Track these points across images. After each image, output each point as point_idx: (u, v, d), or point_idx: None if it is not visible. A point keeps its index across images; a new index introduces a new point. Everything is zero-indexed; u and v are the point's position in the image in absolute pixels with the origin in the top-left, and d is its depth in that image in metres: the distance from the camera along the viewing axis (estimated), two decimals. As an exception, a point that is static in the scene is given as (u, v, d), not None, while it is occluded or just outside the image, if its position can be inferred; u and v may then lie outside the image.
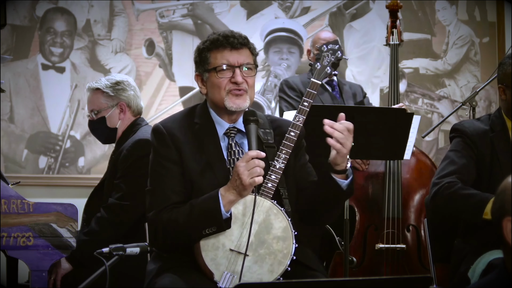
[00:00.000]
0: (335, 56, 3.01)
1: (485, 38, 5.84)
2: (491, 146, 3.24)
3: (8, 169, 5.29)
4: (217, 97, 2.79)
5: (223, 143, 2.82)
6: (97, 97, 3.74)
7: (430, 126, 5.38)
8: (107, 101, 3.73)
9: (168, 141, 2.78)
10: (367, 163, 4.40)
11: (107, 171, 3.74)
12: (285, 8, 5.70)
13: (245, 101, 2.79)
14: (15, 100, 5.37)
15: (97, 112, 3.74)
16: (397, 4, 4.69)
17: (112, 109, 3.73)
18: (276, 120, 2.96)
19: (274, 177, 2.72)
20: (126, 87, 3.74)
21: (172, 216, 2.70)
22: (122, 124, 3.74)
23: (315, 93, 2.88)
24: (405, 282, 2.11)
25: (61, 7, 5.46)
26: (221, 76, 2.77)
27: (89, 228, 3.56)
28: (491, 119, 3.32)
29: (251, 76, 2.81)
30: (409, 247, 4.31)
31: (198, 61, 2.86)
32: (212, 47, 2.80)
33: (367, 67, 5.68)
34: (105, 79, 3.76)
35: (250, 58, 2.82)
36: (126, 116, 3.74)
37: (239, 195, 2.67)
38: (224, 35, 2.79)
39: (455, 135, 3.35)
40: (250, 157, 2.64)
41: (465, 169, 3.23)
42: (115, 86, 3.73)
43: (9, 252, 3.23)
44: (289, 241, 2.69)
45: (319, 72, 2.96)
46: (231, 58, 2.78)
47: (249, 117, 2.77)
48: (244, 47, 2.81)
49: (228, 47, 2.78)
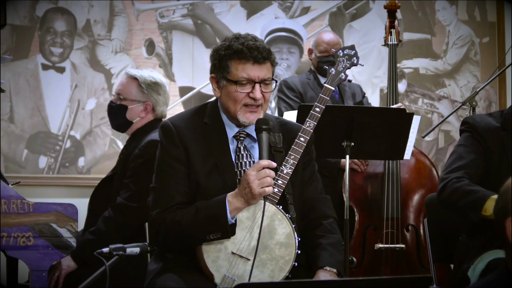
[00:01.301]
0: (350, 62, 2.97)
1: (485, 38, 5.84)
2: (501, 144, 3.21)
3: (8, 169, 5.29)
4: (231, 107, 2.76)
5: (231, 146, 2.80)
6: (131, 86, 3.73)
7: (430, 126, 5.38)
8: (137, 95, 3.72)
9: (176, 140, 2.76)
10: (366, 163, 4.40)
11: (117, 166, 3.75)
12: (285, 8, 5.70)
13: (258, 117, 2.76)
14: (15, 100, 5.37)
15: (123, 98, 3.74)
16: (395, 4, 4.70)
17: (138, 104, 3.73)
18: (286, 124, 2.93)
19: (281, 182, 2.70)
20: (160, 92, 3.74)
21: (176, 218, 2.69)
22: (140, 121, 3.73)
23: (328, 99, 2.85)
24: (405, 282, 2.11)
25: (61, 7, 5.46)
26: (240, 90, 2.73)
27: (96, 228, 3.55)
28: (503, 116, 3.28)
29: (269, 91, 2.77)
30: (408, 247, 4.32)
31: (217, 65, 2.78)
32: (234, 56, 2.73)
33: (367, 67, 5.68)
34: (147, 74, 3.75)
35: (270, 72, 2.77)
36: (147, 116, 3.73)
37: (246, 203, 2.65)
38: (249, 46, 2.72)
39: (465, 128, 3.30)
40: (261, 166, 2.62)
41: (473, 164, 3.20)
42: (151, 85, 3.72)
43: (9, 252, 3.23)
44: (291, 248, 2.67)
45: (333, 77, 2.93)
46: (252, 73, 2.72)
47: (261, 125, 2.72)
48: (267, 61, 2.75)
49: (251, 61, 2.72)
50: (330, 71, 2.94)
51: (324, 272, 2.69)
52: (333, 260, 2.73)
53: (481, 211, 3.05)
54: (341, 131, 3.79)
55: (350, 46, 3.02)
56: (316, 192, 2.89)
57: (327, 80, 2.92)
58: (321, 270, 2.70)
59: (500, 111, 3.34)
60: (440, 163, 5.68)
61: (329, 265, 2.71)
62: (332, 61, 4.61)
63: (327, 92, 2.86)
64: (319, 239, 2.79)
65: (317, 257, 2.74)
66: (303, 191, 2.85)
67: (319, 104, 2.83)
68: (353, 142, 3.80)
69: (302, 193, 2.84)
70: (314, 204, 2.86)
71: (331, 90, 2.87)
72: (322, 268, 2.71)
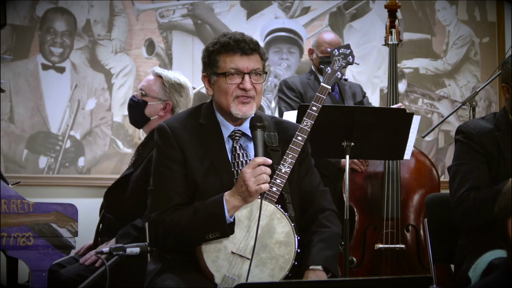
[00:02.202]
0: (346, 60, 2.98)
1: (485, 38, 5.84)
2: (497, 144, 3.21)
3: (8, 169, 5.28)
4: (223, 102, 2.77)
5: (227, 146, 2.81)
6: (155, 83, 3.76)
7: (430, 126, 5.38)
8: (159, 92, 3.75)
9: (173, 142, 2.77)
10: (366, 164, 4.40)
11: (133, 162, 3.74)
12: (285, 8, 5.70)
13: (251, 109, 2.77)
14: (15, 100, 5.37)
15: (145, 94, 3.76)
16: (395, 4, 4.70)
17: (158, 101, 3.74)
18: (281, 123, 2.93)
19: (279, 181, 2.71)
20: (182, 94, 3.76)
21: (174, 219, 2.69)
22: (158, 120, 3.72)
23: (324, 98, 2.86)
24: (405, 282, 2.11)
25: (61, 7, 5.46)
26: (229, 82, 2.74)
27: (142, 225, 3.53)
28: (496, 118, 3.28)
29: (260, 82, 2.78)
30: (408, 247, 4.32)
31: (206, 63, 2.82)
32: (222, 50, 2.76)
33: (367, 67, 5.68)
34: (173, 75, 3.78)
35: (259, 63, 2.79)
36: (165, 116, 3.74)
37: (244, 201, 2.65)
38: (235, 39, 2.76)
39: (460, 138, 3.29)
40: (257, 163, 2.63)
41: (480, 178, 3.19)
42: (175, 85, 3.74)
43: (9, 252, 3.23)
44: (291, 246, 2.68)
45: (329, 76, 2.94)
46: (241, 64, 2.75)
47: (256, 123, 2.74)
48: (255, 53, 2.78)
49: (238, 52, 2.75)
50: (326, 70, 2.95)
51: (309, 272, 2.67)
52: (319, 257, 2.70)
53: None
54: (341, 131, 3.79)
55: (345, 45, 3.04)
56: (312, 185, 2.88)
57: (323, 79, 2.94)
58: (307, 271, 2.69)
59: (492, 113, 3.36)
60: (440, 163, 5.68)
61: (313, 263, 2.69)
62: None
63: (323, 91, 2.87)
64: (312, 236, 2.79)
65: (306, 257, 2.73)
66: (301, 185, 2.85)
67: (316, 103, 2.83)
68: (353, 142, 3.80)
69: (299, 188, 2.84)
70: (312, 197, 2.86)
71: (327, 89, 2.89)
72: (308, 269, 2.69)
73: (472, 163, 3.21)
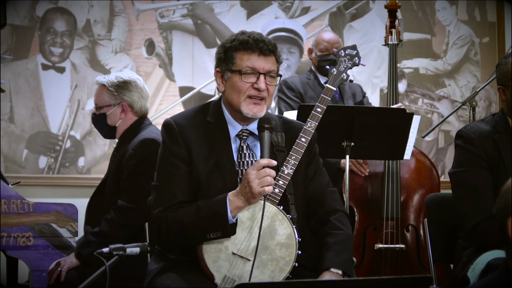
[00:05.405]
0: (352, 62, 2.96)
1: (485, 38, 5.84)
2: (495, 146, 3.21)
3: (8, 169, 5.29)
4: (235, 99, 2.75)
5: (234, 145, 2.80)
6: (102, 93, 3.73)
7: (430, 126, 5.38)
8: (110, 99, 3.71)
9: (179, 139, 2.76)
10: (367, 168, 4.38)
11: (109, 170, 3.73)
12: (285, 8, 5.70)
13: (262, 110, 2.75)
14: (15, 100, 5.37)
15: (100, 107, 3.74)
16: (395, 4, 4.69)
17: (114, 107, 3.71)
18: (289, 123, 2.92)
19: (281, 182, 2.70)
20: (132, 88, 3.71)
21: (177, 216, 2.69)
22: (123, 123, 3.72)
23: (329, 99, 2.85)
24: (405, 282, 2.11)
25: (61, 7, 5.46)
26: (245, 80, 2.73)
27: (99, 229, 3.54)
28: (495, 120, 3.28)
29: (273, 85, 2.77)
30: (408, 247, 4.31)
31: (222, 58, 2.79)
32: (240, 47, 2.75)
33: (367, 67, 5.68)
34: (114, 76, 3.74)
35: (275, 66, 2.78)
36: (127, 117, 3.72)
37: (247, 202, 2.64)
38: (254, 38, 2.74)
39: (461, 143, 3.28)
40: (261, 165, 2.62)
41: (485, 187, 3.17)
42: (120, 85, 3.70)
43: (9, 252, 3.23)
44: (292, 248, 2.67)
45: (335, 78, 2.92)
46: (258, 64, 2.73)
47: (264, 124, 2.72)
48: (272, 54, 2.76)
49: (256, 52, 2.73)
50: (331, 71, 2.93)
51: (328, 274, 2.68)
52: (339, 260, 2.71)
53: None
54: (341, 131, 3.79)
55: (352, 46, 3.01)
56: (322, 185, 2.87)
57: (328, 80, 2.91)
58: (326, 272, 2.69)
59: (491, 115, 3.35)
60: (440, 163, 5.68)
61: (334, 266, 2.69)
62: (333, 59, 4.65)
63: (328, 92, 2.85)
64: (326, 238, 2.78)
65: (323, 258, 2.72)
66: (309, 186, 2.84)
67: (320, 104, 2.82)
68: (353, 142, 3.80)
69: (307, 190, 2.83)
70: (322, 198, 2.85)
71: (332, 90, 2.87)
72: (328, 270, 2.69)
73: (476, 170, 3.19)
